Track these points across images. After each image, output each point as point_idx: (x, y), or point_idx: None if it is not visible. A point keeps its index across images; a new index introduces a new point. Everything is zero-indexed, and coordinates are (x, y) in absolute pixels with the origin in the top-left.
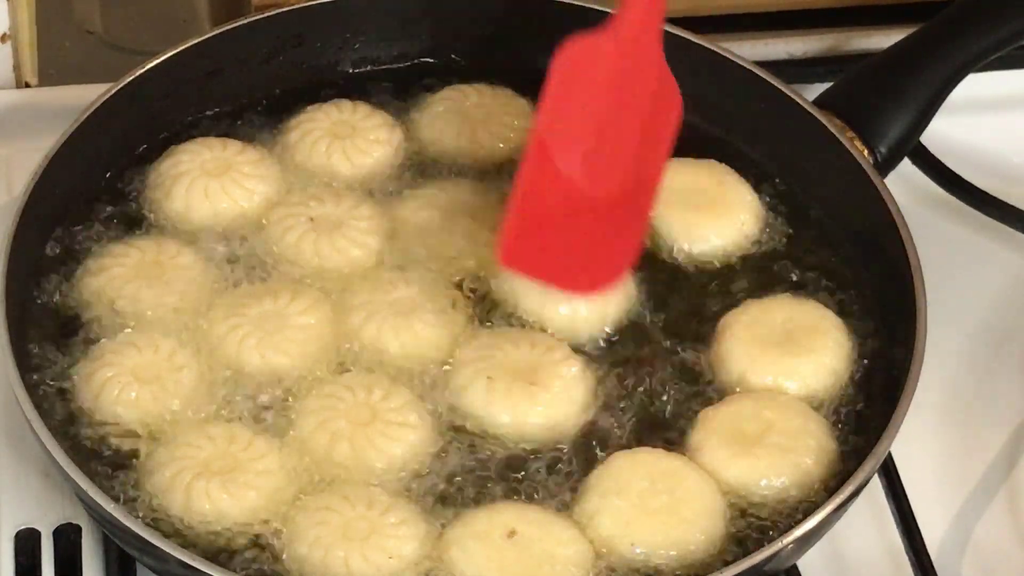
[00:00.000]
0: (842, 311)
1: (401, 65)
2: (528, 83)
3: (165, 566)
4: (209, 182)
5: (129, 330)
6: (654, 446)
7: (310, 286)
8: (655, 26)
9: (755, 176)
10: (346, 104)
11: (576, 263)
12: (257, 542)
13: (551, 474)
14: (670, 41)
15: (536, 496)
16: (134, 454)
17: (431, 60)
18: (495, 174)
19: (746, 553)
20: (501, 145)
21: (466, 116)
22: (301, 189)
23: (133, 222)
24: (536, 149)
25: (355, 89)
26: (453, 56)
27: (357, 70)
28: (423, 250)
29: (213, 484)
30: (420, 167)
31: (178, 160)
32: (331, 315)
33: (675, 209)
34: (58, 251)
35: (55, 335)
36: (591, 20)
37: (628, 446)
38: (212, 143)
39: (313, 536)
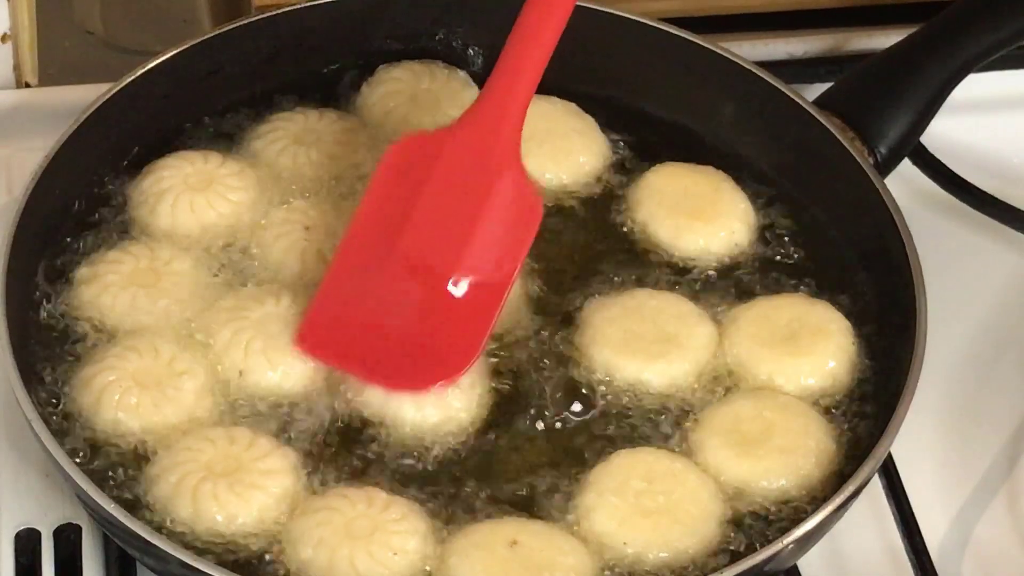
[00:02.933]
0: (842, 311)
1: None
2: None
3: (165, 566)
4: (194, 197)
5: (129, 335)
6: (656, 446)
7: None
8: (508, 126)
9: (754, 176)
10: (312, 112)
11: (393, 356)
12: (266, 550)
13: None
14: (671, 41)
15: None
16: (134, 457)
17: (433, 60)
18: None
19: (746, 553)
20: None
21: (414, 101)
22: (293, 196)
23: (132, 225)
24: (355, 233)
25: (355, 89)
26: (456, 56)
27: (358, 70)
28: None
29: (220, 486)
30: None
31: (160, 176)
32: None
33: (668, 213)
34: (58, 253)
35: (55, 336)
36: (607, 26)
37: (629, 445)
38: (192, 157)
39: (316, 538)
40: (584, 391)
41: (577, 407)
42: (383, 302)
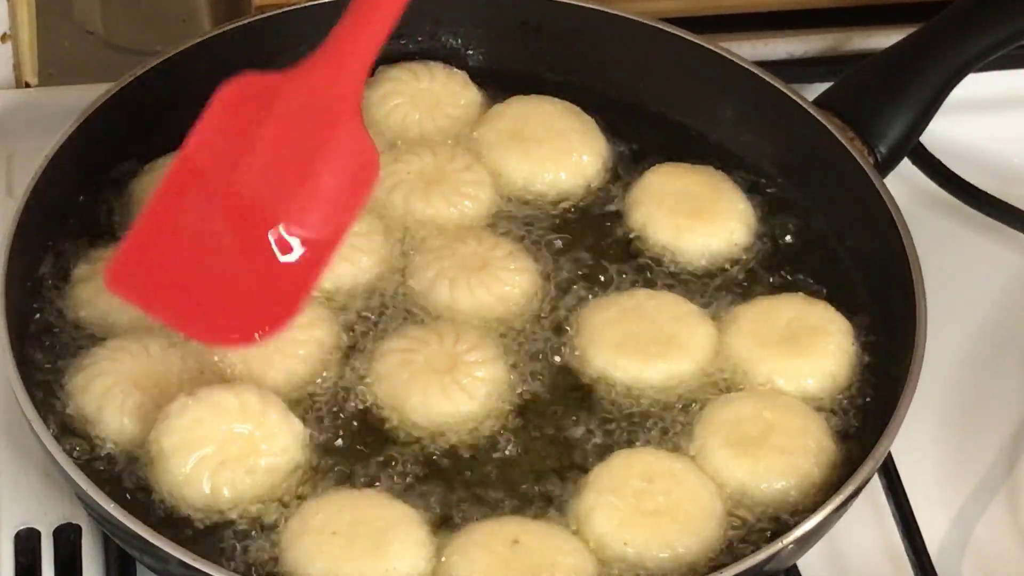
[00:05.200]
0: (841, 311)
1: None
2: (533, 87)
3: (165, 566)
4: None
5: (120, 336)
6: (656, 446)
7: (316, 297)
8: (349, 80)
9: (754, 176)
10: None
11: (210, 305)
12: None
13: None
14: (671, 41)
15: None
16: (135, 456)
17: (434, 60)
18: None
19: (746, 554)
20: (445, 130)
21: (414, 101)
22: None
23: (131, 224)
24: (181, 169)
25: None
26: (456, 56)
27: None
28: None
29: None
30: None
31: (159, 176)
32: (334, 331)
33: (666, 213)
34: (58, 252)
35: (55, 335)
36: (607, 26)
37: (629, 445)
38: None
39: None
40: (584, 391)
41: (577, 407)
42: (204, 244)
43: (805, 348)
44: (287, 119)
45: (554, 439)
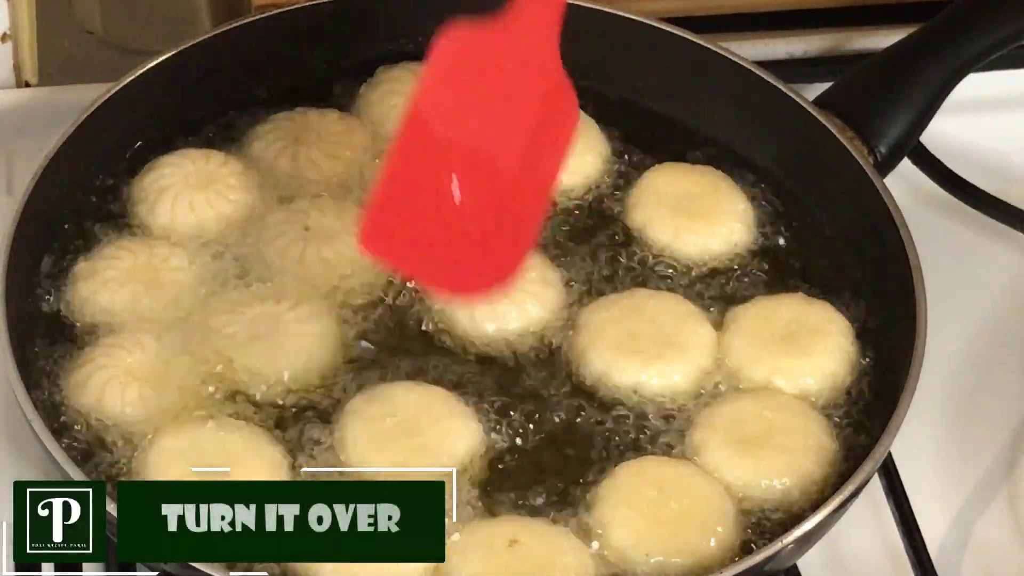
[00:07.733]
0: (841, 311)
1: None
2: None
3: (165, 567)
4: (194, 195)
5: (113, 333)
6: (656, 447)
7: (317, 294)
8: (550, 26)
9: (754, 176)
10: (312, 112)
11: (450, 259)
12: None
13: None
14: (671, 41)
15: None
16: (135, 449)
17: None
18: None
19: (746, 553)
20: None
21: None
22: (293, 196)
23: (131, 222)
24: (413, 127)
25: (355, 89)
26: None
27: (357, 70)
28: None
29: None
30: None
31: (160, 174)
32: (333, 328)
33: (667, 213)
34: (58, 252)
35: (55, 335)
36: (607, 26)
37: (629, 446)
38: (194, 155)
39: None
40: (583, 392)
41: (577, 408)
42: (439, 198)
43: (805, 348)
44: (501, 69)
45: (554, 438)
